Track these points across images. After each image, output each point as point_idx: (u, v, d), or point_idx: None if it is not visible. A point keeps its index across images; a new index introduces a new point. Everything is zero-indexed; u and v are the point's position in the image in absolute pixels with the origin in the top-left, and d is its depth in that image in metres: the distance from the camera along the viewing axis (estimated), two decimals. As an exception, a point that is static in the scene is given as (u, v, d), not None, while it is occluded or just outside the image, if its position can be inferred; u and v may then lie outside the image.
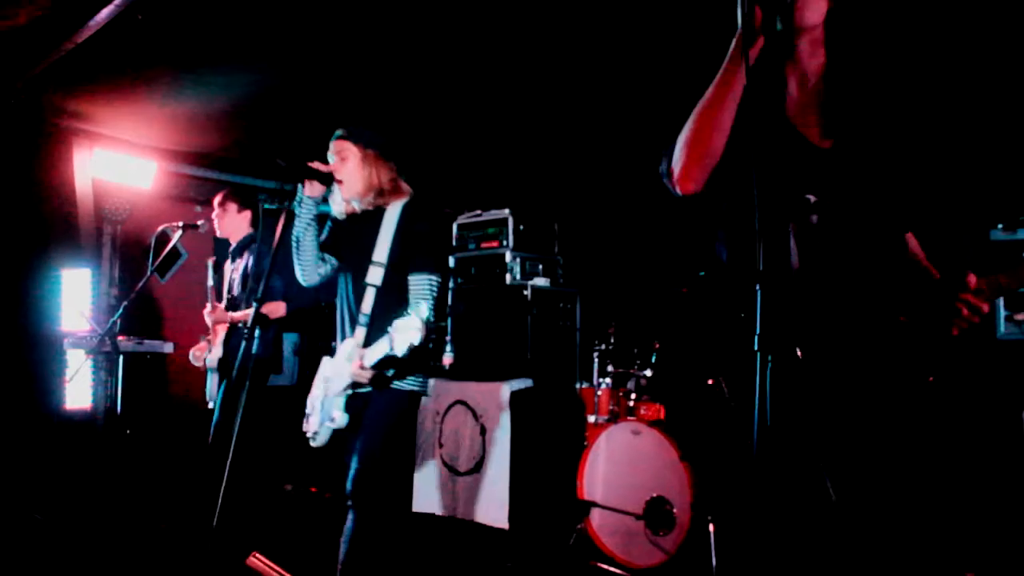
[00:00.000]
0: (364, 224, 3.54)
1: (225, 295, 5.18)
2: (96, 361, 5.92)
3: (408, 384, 3.44)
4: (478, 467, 5.45)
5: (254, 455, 4.94)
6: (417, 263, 3.43)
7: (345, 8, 4.31)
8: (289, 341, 5.37)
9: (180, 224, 5.20)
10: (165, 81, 5.44)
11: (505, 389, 5.46)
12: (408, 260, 3.44)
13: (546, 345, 6.08)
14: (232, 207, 5.26)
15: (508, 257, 6.22)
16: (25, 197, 6.19)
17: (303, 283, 3.68)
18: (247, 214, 5.29)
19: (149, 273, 5.02)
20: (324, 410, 3.51)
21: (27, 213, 6.18)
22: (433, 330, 3.15)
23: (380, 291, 3.42)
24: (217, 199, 5.27)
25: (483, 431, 5.46)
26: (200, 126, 6.45)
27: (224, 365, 4.99)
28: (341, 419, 3.42)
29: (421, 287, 3.41)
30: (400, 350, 3.05)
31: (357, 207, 3.56)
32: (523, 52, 4.88)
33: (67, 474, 5.67)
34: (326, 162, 3.54)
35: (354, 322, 3.50)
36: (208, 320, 5.04)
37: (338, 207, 3.60)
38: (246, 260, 5.07)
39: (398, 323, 3.04)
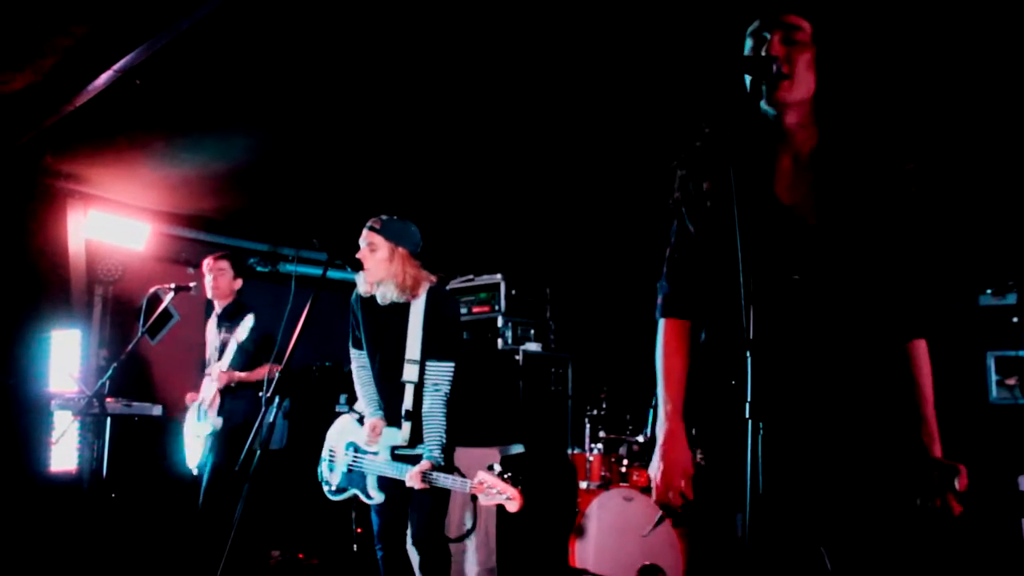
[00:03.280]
0: (392, 314, 3.80)
1: (215, 360, 5.15)
2: (83, 423, 5.84)
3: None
4: (468, 534, 5.37)
5: (243, 520, 4.89)
6: (437, 350, 3.73)
7: (338, 76, 4.38)
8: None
9: (172, 286, 5.19)
10: (161, 145, 5.49)
11: (496, 454, 5.41)
12: (431, 347, 3.73)
13: (538, 410, 6.04)
14: (230, 270, 5.30)
15: (500, 322, 6.21)
16: (18, 257, 6.18)
17: None
18: (239, 282, 5.35)
19: (140, 334, 4.98)
20: (354, 476, 3.88)
21: (19, 273, 6.16)
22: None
23: (417, 386, 3.73)
24: (219, 263, 5.29)
25: (473, 497, 5.39)
26: (194, 189, 6.48)
27: (227, 433, 4.97)
28: (378, 498, 3.78)
29: (440, 374, 3.72)
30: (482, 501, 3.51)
31: (379, 298, 3.78)
32: (515, 116, 4.94)
33: (49, 538, 5.56)
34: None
35: (394, 413, 3.79)
36: (219, 382, 4.99)
37: (362, 287, 3.84)
38: (238, 329, 5.04)
39: (488, 483, 3.49)
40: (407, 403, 3.73)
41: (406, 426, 3.73)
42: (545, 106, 4.74)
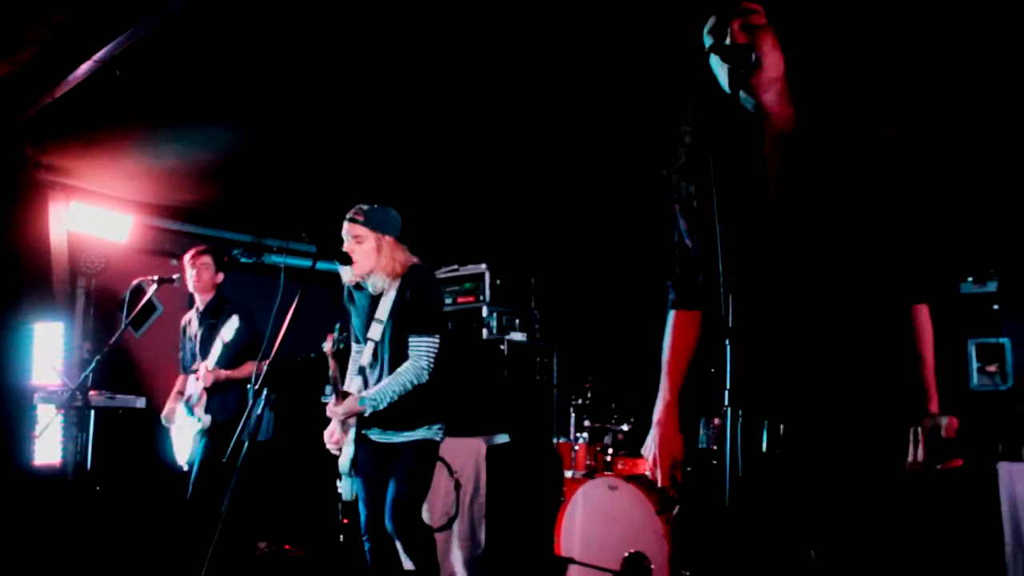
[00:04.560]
0: (376, 294, 3.81)
1: (199, 355, 5.13)
2: (67, 416, 5.81)
3: (422, 434, 3.73)
4: (450, 523, 5.38)
5: (230, 512, 4.90)
6: (418, 325, 3.67)
7: (322, 66, 4.36)
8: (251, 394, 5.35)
9: (155, 278, 5.16)
10: (142, 135, 5.46)
11: (481, 444, 5.42)
12: (409, 320, 3.68)
13: (523, 400, 6.05)
14: (212, 264, 5.26)
15: (485, 312, 6.22)
16: (-1, 249, 6.14)
17: None
18: (220, 276, 5.31)
19: (123, 327, 4.96)
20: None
21: (1, 265, 6.12)
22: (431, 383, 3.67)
23: (377, 344, 3.70)
24: (202, 258, 5.25)
25: (457, 486, 5.40)
26: (177, 180, 6.45)
27: (215, 427, 4.96)
28: (349, 451, 3.74)
29: (420, 347, 3.65)
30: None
31: (370, 288, 3.78)
32: (499, 106, 4.94)
33: (33, 531, 5.54)
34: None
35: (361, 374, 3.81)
36: (205, 381, 4.96)
37: (347, 276, 3.81)
38: (224, 330, 4.99)
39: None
40: (365, 359, 3.75)
41: (357, 380, 3.77)
42: (529, 96, 4.74)
